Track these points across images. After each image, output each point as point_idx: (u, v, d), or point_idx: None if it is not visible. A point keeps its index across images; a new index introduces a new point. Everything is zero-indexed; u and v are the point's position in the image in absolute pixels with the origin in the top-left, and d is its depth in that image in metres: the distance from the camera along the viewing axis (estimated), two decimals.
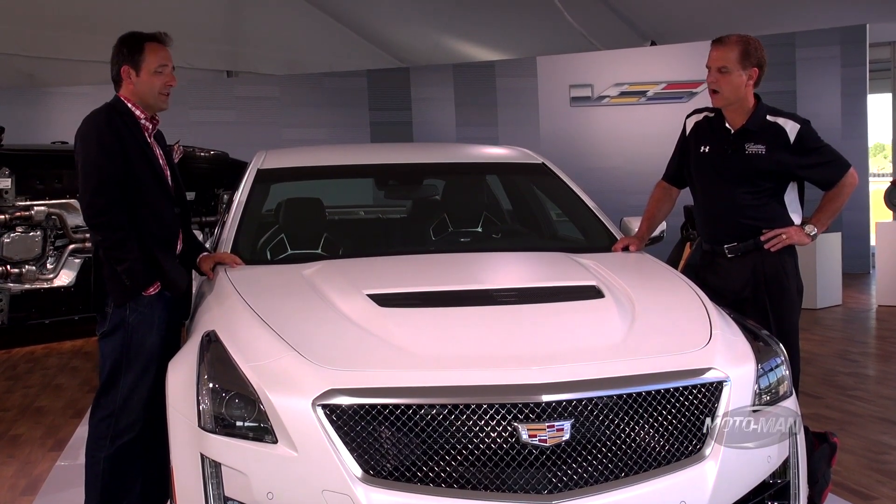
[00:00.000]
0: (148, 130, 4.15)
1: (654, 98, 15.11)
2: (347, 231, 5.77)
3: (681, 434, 3.13)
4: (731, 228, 4.43)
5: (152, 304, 4.04)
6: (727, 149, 4.44)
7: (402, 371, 3.10)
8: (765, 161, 4.35)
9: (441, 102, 15.87)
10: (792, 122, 4.37)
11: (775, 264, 4.40)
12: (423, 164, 5.64)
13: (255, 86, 16.51)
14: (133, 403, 4.01)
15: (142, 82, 4.07)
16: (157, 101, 4.14)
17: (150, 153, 4.11)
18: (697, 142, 4.58)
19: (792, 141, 4.33)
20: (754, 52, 4.33)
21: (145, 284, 4.00)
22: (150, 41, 4.10)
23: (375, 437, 2.97)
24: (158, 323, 4.07)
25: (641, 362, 3.22)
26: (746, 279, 4.41)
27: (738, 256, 4.42)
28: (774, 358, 3.53)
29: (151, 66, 4.07)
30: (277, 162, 5.28)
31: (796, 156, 4.34)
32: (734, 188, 4.40)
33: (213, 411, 3.14)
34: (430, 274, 4.15)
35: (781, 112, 4.45)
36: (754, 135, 4.38)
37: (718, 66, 4.33)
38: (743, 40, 4.34)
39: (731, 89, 4.34)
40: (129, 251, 3.96)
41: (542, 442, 2.96)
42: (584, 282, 3.91)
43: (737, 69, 4.30)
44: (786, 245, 4.38)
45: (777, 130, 4.36)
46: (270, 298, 3.80)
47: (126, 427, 4.02)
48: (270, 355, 3.22)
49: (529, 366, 3.11)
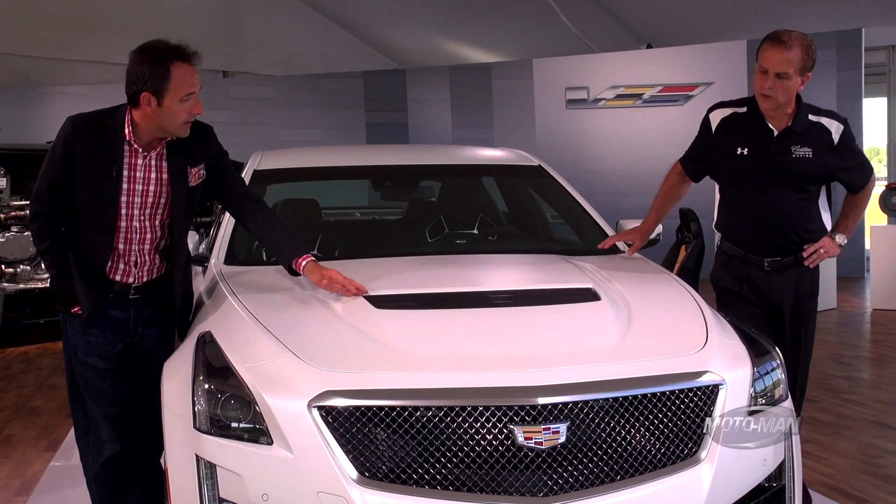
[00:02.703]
0: (139, 153, 3.68)
1: (650, 101, 15.10)
2: (343, 232, 5.78)
3: (676, 437, 3.14)
4: (778, 240, 4.25)
5: (87, 323, 3.74)
6: (771, 152, 4.15)
7: (398, 373, 3.09)
8: (813, 165, 4.13)
9: (437, 104, 15.86)
10: (836, 122, 4.17)
11: (811, 279, 4.32)
12: (420, 165, 5.64)
13: (251, 86, 16.49)
14: (101, 420, 3.81)
15: (164, 112, 3.57)
16: (178, 131, 3.65)
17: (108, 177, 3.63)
18: (730, 141, 4.26)
19: (836, 142, 4.14)
20: (813, 55, 4.02)
21: (67, 304, 3.75)
22: (179, 61, 3.55)
23: (371, 438, 2.97)
24: (98, 342, 3.77)
25: (637, 365, 3.22)
26: (784, 296, 4.28)
27: (777, 271, 4.27)
28: (770, 361, 3.53)
29: (178, 94, 3.54)
30: (274, 163, 5.28)
31: (838, 157, 4.17)
32: (782, 194, 4.17)
33: (209, 412, 3.14)
34: (426, 276, 4.15)
35: (820, 110, 4.21)
36: (800, 137, 4.13)
37: (778, 72, 3.96)
38: (805, 42, 3.98)
39: (786, 94, 4.02)
40: (51, 266, 3.73)
41: (538, 444, 2.96)
42: (580, 284, 3.90)
43: (796, 74, 3.98)
44: (823, 260, 4.28)
45: (821, 131, 4.15)
46: (266, 299, 3.80)
47: (99, 445, 3.83)
48: (266, 357, 3.22)
49: (525, 368, 3.10)
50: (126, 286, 3.82)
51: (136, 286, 3.84)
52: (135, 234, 3.77)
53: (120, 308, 3.82)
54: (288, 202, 5.37)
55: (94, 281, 3.75)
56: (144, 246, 3.82)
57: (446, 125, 15.71)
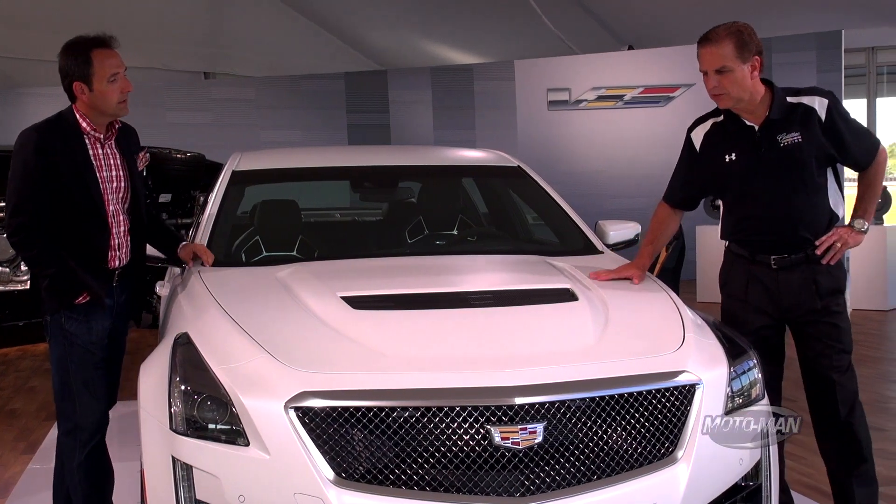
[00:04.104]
0: (99, 141, 4.00)
1: (631, 102, 15.15)
2: (323, 233, 5.76)
3: (653, 437, 3.14)
4: (786, 237, 3.99)
5: (88, 310, 3.98)
6: (758, 148, 3.96)
7: (375, 374, 3.08)
8: (805, 149, 3.89)
9: (419, 105, 15.87)
10: (819, 97, 3.91)
11: (830, 276, 4.02)
12: (399, 166, 5.63)
13: (233, 87, 16.48)
14: (91, 409, 4.02)
15: (97, 96, 3.89)
16: (116, 111, 3.95)
17: (90, 172, 3.94)
18: (717, 152, 4.09)
19: (823, 119, 3.88)
20: (750, 39, 3.83)
21: (71, 296, 3.93)
22: (97, 48, 3.88)
23: (348, 439, 2.96)
24: (98, 329, 4.03)
25: (614, 365, 3.22)
26: (794, 296, 4.02)
27: (785, 269, 4.02)
28: (747, 361, 3.53)
29: (104, 76, 3.86)
30: (252, 164, 5.26)
31: (831, 135, 3.89)
32: (780, 189, 3.94)
33: (185, 414, 3.12)
34: (404, 276, 4.15)
35: (801, 90, 3.97)
36: (783, 123, 3.91)
37: (716, 68, 3.84)
38: (733, 31, 3.84)
39: (737, 88, 3.84)
40: (47, 266, 3.90)
41: (515, 444, 2.96)
42: (558, 285, 3.91)
43: (737, 65, 3.81)
44: (843, 252, 3.99)
45: (805, 111, 3.90)
46: (243, 300, 3.79)
47: (92, 432, 4.03)
48: (243, 357, 3.21)
49: (502, 368, 3.10)
50: (111, 272, 4.09)
51: (117, 273, 4.12)
52: (113, 218, 4.04)
53: (108, 295, 4.08)
54: (267, 203, 5.36)
55: (97, 267, 4.03)
56: (121, 229, 4.10)
57: (428, 126, 15.72)
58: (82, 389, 3.99)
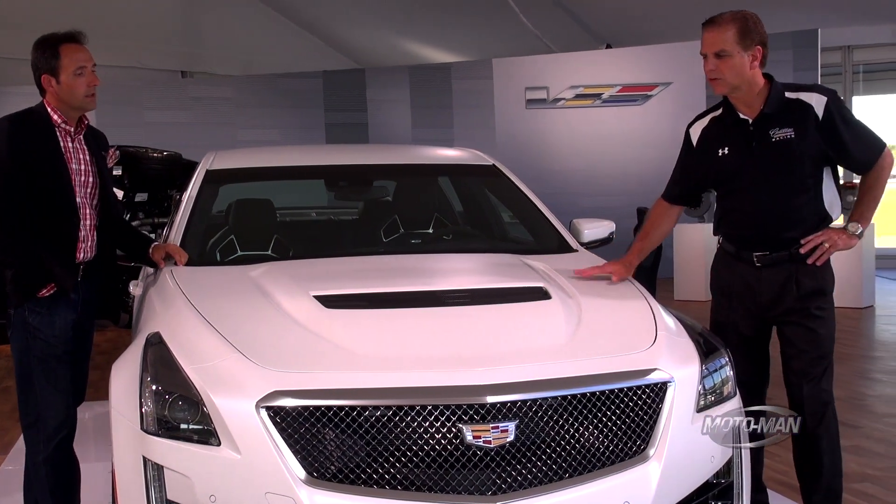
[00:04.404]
0: (70, 134, 4.08)
1: (609, 101, 15.19)
2: (298, 232, 5.75)
3: (625, 434, 3.15)
4: (772, 235, 3.93)
5: (51, 304, 4.01)
6: (750, 142, 3.90)
7: (347, 373, 3.08)
8: (797, 146, 3.81)
9: (396, 104, 15.86)
10: (817, 94, 3.82)
11: (813, 277, 3.93)
12: (373, 165, 5.62)
13: (210, 86, 16.41)
14: (54, 404, 4.03)
15: (64, 89, 3.99)
16: (83, 104, 4.05)
17: (60, 161, 4.01)
18: (711, 147, 4.04)
19: (821, 117, 3.78)
20: (754, 28, 3.80)
21: (35, 287, 3.96)
22: (66, 43, 4.00)
23: (319, 438, 2.96)
24: (61, 323, 4.04)
25: (586, 363, 3.23)
26: (774, 295, 3.95)
27: (768, 266, 3.96)
28: (719, 358, 3.55)
29: (70, 69, 3.97)
30: (227, 163, 5.25)
31: (828, 134, 3.79)
32: (769, 185, 3.87)
33: (156, 414, 3.11)
34: (377, 275, 4.15)
35: (802, 86, 3.91)
36: (777, 118, 3.84)
37: (715, 51, 3.79)
38: (738, 17, 3.80)
39: (733, 74, 3.80)
40: (14, 255, 3.96)
41: (487, 443, 2.96)
42: (531, 283, 3.91)
43: (737, 51, 3.77)
44: (831, 254, 3.90)
45: (802, 107, 3.82)
46: (216, 300, 3.78)
47: (56, 427, 4.04)
48: (214, 357, 3.20)
49: (474, 367, 3.11)
50: (77, 266, 4.11)
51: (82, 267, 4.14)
52: (80, 210, 4.09)
53: (74, 290, 4.09)
54: (242, 202, 5.34)
55: (65, 258, 4.06)
56: (87, 222, 4.13)
57: (406, 125, 15.72)
58: (44, 383, 4.00)
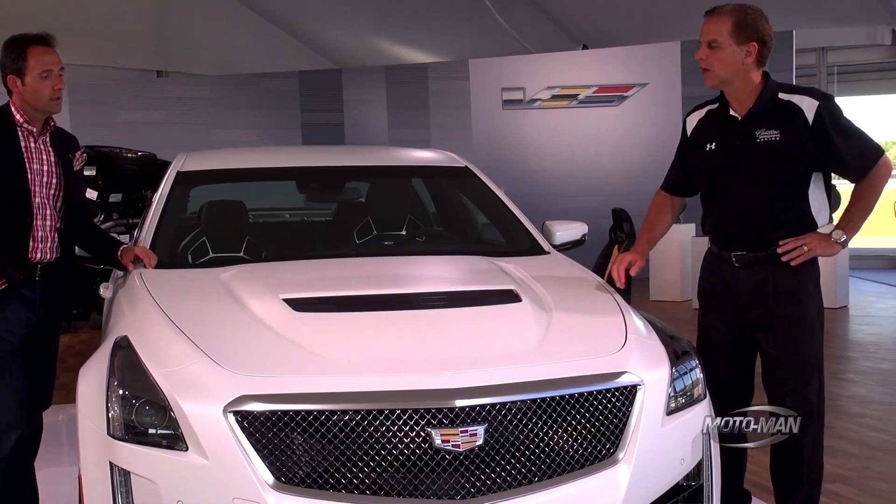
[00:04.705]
0: (33, 135, 4.09)
1: (585, 101, 15.22)
2: (270, 234, 5.72)
3: (594, 438, 3.14)
4: (746, 230, 3.83)
5: (3, 299, 4.03)
6: (735, 140, 3.81)
7: (315, 377, 3.07)
8: (780, 149, 3.70)
9: (373, 104, 15.84)
10: (810, 98, 3.69)
11: (791, 280, 3.79)
12: (345, 167, 5.60)
13: (186, 86, 16.35)
14: (5, 399, 4.00)
15: (28, 90, 4.02)
16: (47, 107, 4.07)
17: (19, 161, 4.02)
18: (702, 140, 3.97)
19: (811, 121, 3.65)
20: (752, 23, 3.70)
21: None
22: (34, 45, 4.04)
23: (288, 443, 2.94)
24: (13, 318, 4.05)
25: (556, 366, 3.22)
26: (751, 296, 3.85)
27: (746, 267, 3.86)
28: (689, 361, 3.55)
29: (36, 71, 4.00)
30: (198, 164, 5.22)
31: (817, 140, 3.66)
32: (750, 186, 3.78)
33: (123, 418, 3.08)
34: (348, 278, 4.12)
35: (797, 88, 3.79)
36: (766, 118, 3.74)
37: (708, 41, 3.73)
38: (739, 10, 3.72)
39: (722, 67, 3.72)
40: None
41: (456, 447, 2.95)
42: (502, 286, 3.90)
43: (729, 44, 3.68)
44: (808, 258, 3.76)
45: (792, 110, 3.70)
46: (184, 303, 3.75)
47: (7, 425, 4.00)
48: (182, 361, 3.17)
49: (443, 371, 3.09)
50: (34, 265, 4.12)
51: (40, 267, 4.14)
52: (38, 210, 4.10)
53: (29, 288, 4.11)
54: (213, 204, 5.30)
55: (17, 254, 4.06)
56: (46, 222, 4.13)
57: (382, 125, 15.70)
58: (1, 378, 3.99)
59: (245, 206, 5.39)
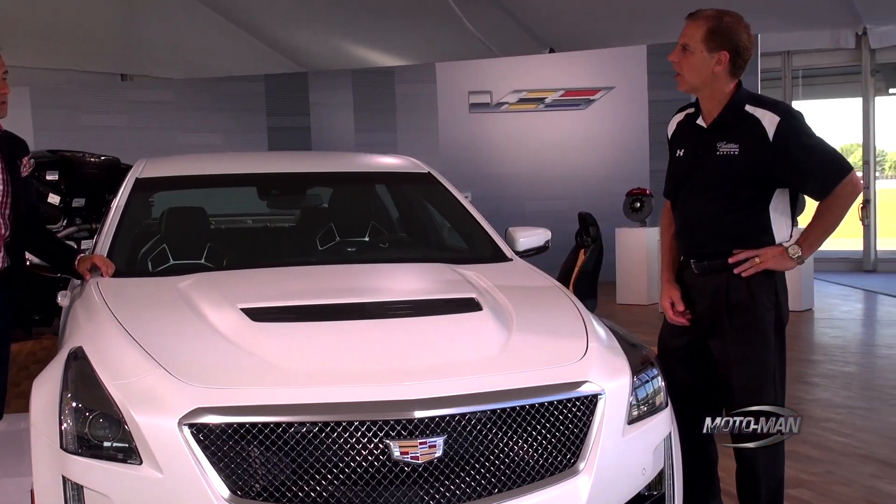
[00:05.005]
0: None
1: (552, 105, 15.23)
2: (232, 240, 5.66)
3: (555, 448, 3.12)
4: (701, 240, 3.77)
5: None
6: (698, 149, 3.73)
7: (272, 388, 3.03)
8: (738, 163, 3.60)
9: (340, 108, 15.79)
10: (771, 112, 3.57)
11: (743, 290, 3.69)
12: (306, 173, 5.55)
13: (150, 90, 16.23)
14: None
15: None
16: None
17: None
18: (675, 145, 3.92)
19: (771, 137, 3.53)
20: (726, 31, 3.59)
21: None
22: None
23: (244, 456, 2.90)
24: None
25: (516, 376, 3.19)
26: (706, 305, 3.78)
27: (704, 275, 3.78)
28: (651, 369, 3.53)
29: None
30: (157, 171, 5.15)
31: (777, 156, 3.54)
32: (708, 198, 3.70)
33: (76, 432, 3.03)
34: (307, 287, 4.08)
35: (764, 101, 3.66)
36: (729, 130, 3.64)
37: (682, 44, 3.66)
38: (715, 17, 3.62)
39: (692, 73, 3.65)
40: None
41: (415, 459, 2.92)
42: (462, 294, 3.87)
43: (700, 50, 3.60)
44: (760, 270, 3.66)
45: (754, 124, 3.58)
46: (141, 313, 3.70)
47: None
48: (137, 373, 3.12)
49: (402, 381, 3.06)
50: None
51: None
52: None
53: None
54: (174, 210, 5.24)
55: None
56: None
57: (349, 129, 15.65)
58: None
59: (206, 212, 5.33)
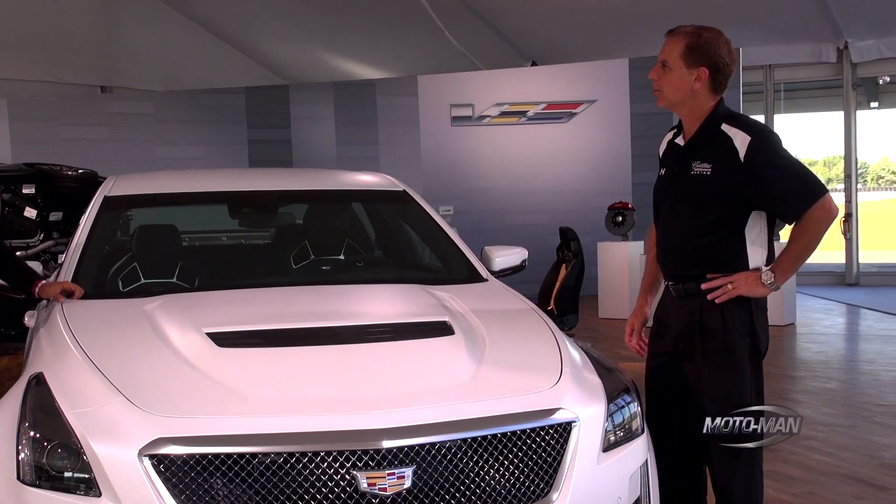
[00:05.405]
0: None
1: (534, 118, 15.20)
2: (205, 259, 5.57)
3: (527, 478, 3.05)
4: (677, 262, 3.67)
5: None
6: (675, 168, 3.67)
7: (236, 417, 2.94)
8: (710, 185, 3.51)
9: (321, 121, 15.68)
10: (743, 132, 3.46)
11: (716, 316, 3.57)
12: (279, 191, 5.45)
13: (130, 102, 16.07)
14: None
15: None
16: None
17: None
18: (660, 163, 3.83)
19: (742, 157, 3.43)
20: (705, 47, 3.50)
21: None
22: None
23: (206, 488, 2.82)
24: None
25: (488, 404, 3.12)
26: (682, 327, 3.65)
27: (680, 297, 3.67)
28: (626, 395, 3.46)
29: None
30: (127, 189, 5.06)
31: (748, 177, 3.43)
32: (681, 219, 3.62)
33: (34, 462, 2.94)
34: (276, 310, 3.99)
35: (739, 120, 3.55)
36: (703, 150, 3.55)
37: (661, 60, 3.59)
38: (694, 33, 3.54)
39: (671, 89, 3.56)
40: None
41: (382, 491, 2.85)
42: (434, 318, 3.79)
43: (679, 66, 3.53)
44: (732, 297, 3.53)
45: (726, 143, 3.48)
46: (103, 337, 3.61)
47: None
48: (97, 401, 3.04)
49: (370, 410, 2.98)
50: None
51: None
52: None
53: None
54: (145, 228, 5.16)
55: None
56: None
57: (330, 142, 15.55)
58: None
59: (178, 230, 5.25)
